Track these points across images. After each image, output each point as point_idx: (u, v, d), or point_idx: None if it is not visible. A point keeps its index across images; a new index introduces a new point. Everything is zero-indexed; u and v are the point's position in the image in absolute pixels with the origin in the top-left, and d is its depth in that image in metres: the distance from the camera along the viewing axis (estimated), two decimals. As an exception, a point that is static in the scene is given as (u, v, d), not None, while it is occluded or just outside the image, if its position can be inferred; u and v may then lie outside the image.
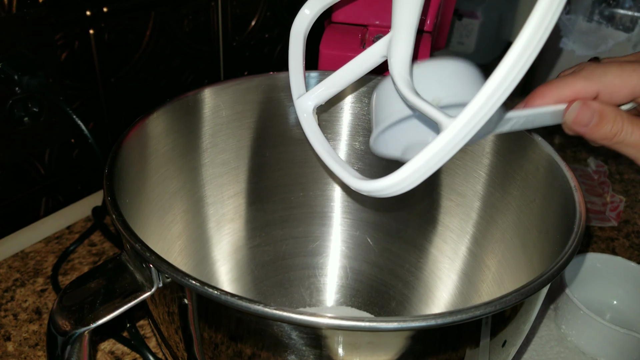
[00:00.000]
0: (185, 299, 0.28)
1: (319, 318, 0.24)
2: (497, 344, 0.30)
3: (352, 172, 0.31)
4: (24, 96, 0.49)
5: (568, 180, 0.35)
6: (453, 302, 0.45)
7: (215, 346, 0.30)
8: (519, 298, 0.26)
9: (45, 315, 0.49)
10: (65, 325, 0.29)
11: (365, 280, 0.50)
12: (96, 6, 0.53)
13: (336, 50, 0.50)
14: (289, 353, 0.27)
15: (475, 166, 0.43)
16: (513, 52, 0.24)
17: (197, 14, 0.64)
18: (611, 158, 0.77)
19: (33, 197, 0.55)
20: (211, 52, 0.68)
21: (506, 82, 0.25)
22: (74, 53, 0.53)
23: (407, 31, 0.31)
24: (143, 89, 0.61)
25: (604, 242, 0.61)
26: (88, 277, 0.30)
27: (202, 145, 0.44)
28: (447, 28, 0.63)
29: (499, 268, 0.41)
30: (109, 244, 0.57)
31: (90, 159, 0.59)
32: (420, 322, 0.25)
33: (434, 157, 0.26)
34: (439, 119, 0.27)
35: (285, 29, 0.77)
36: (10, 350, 0.46)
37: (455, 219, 0.45)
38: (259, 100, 0.45)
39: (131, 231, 0.29)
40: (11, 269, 0.54)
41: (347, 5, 0.50)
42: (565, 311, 0.48)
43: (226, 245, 0.48)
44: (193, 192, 0.44)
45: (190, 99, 0.42)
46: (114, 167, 0.34)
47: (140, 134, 0.38)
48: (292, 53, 0.39)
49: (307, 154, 0.47)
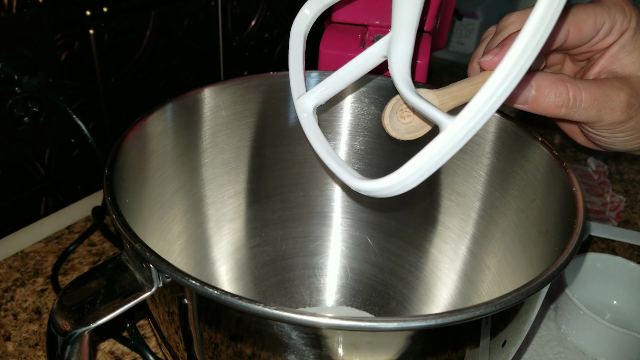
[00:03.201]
0: (185, 299, 0.28)
1: (319, 318, 0.24)
2: (497, 344, 0.30)
3: (352, 172, 0.31)
4: (24, 96, 0.49)
5: (568, 180, 0.35)
6: (453, 302, 0.45)
7: (215, 346, 0.30)
8: (519, 298, 0.26)
9: (45, 315, 0.49)
10: (65, 325, 0.29)
11: (365, 280, 0.50)
12: (96, 6, 0.53)
13: (336, 50, 0.50)
14: (289, 353, 0.27)
15: (475, 166, 0.43)
16: (513, 51, 0.24)
17: (197, 14, 0.64)
18: (611, 158, 0.77)
19: (33, 197, 0.55)
20: (211, 52, 0.68)
21: (506, 82, 0.25)
22: (74, 53, 0.53)
23: (407, 31, 0.31)
24: (143, 89, 0.61)
25: (604, 242, 0.61)
26: (88, 277, 0.30)
27: (202, 145, 0.44)
28: (447, 28, 0.63)
29: (499, 268, 0.41)
30: (109, 244, 0.57)
31: (90, 159, 0.59)
32: (420, 322, 0.25)
33: (434, 157, 0.26)
34: (439, 119, 0.27)
35: (285, 29, 0.77)
36: (10, 350, 0.46)
37: (455, 219, 0.45)
38: (259, 100, 0.45)
39: (131, 231, 0.29)
40: (11, 269, 0.54)
41: (347, 5, 0.50)
42: (565, 311, 0.48)
43: (226, 245, 0.48)
44: (193, 192, 0.44)
45: (190, 99, 0.42)
46: (114, 167, 0.34)
47: (140, 134, 0.38)
48: (292, 53, 0.39)
49: (307, 154, 0.47)
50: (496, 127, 0.41)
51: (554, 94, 0.33)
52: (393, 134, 0.34)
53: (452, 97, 0.33)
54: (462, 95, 0.33)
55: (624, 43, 0.35)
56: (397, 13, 0.32)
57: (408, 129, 0.34)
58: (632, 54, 0.35)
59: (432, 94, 0.33)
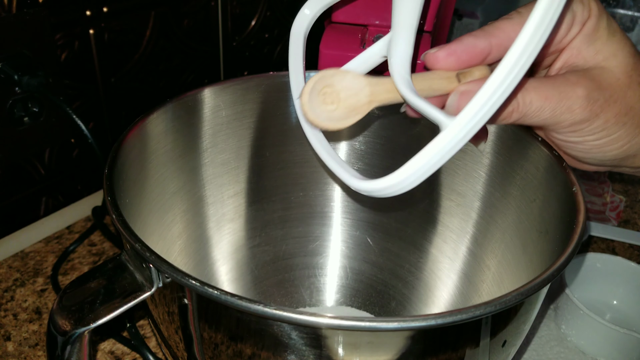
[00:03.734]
0: (185, 299, 0.28)
1: (319, 318, 0.24)
2: (497, 344, 0.30)
3: (352, 172, 0.31)
4: (24, 96, 0.49)
5: (568, 180, 0.35)
6: (453, 302, 0.45)
7: (215, 346, 0.30)
8: (519, 298, 0.26)
9: (45, 315, 0.49)
10: (65, 325, 0.29)
11: (365, 280, 0.50)
12: (96, 6, 0.53)
13: (336, 50, 0.50)
14: (289, 353, 0.27)
15: (475, 166, 0.43)
16: (513, 51, 0.24)
17: (197, 14, 0.63)
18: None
19: (33, 197, 0.55)
20: (211, 52, 0.68)
21: (506, 82, 0.25)
22: (74, 53, 0.53)
23: (407, 31, 0.31)
24: (143, 89, 0.61)
25: (604, 242, 0.61)
26: (88, 277, 0.30)
27: (202, 145, 0.44)
28: (447, 28, 0.63)
29: (499, 268, 0.41)
30: (109, 244, 0.57)
31: (90, 159, 0.59)
32: (420, 322, 0.25)
33: (434, 157, 0.26)
34: (439, 119, 0.27)
35: (285, 29, 0.77)
36: (10, 350, 0.46)
37: (455, 219, 0.45)
38: (259, 100, 0.45)
39: (131, 231, 0.29)
40: (11, 268, 0.54)
41: (347, 5, 0.50)
42: (565, 311, 0.48)
43: (226, 245, 0.48)
44: (193, 192, 0.44)
45: (190, 99, 0.42)
46: (114, 167, 0.34)
47: (140, 134, 0.38)
48: (292, 53, 0.39)
49: (307, 154, 0.47)
50: (496, 127, 0.41)
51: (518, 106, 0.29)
52: (311, 115, 0.29)
53: (386, 89, 0.30)
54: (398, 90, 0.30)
55: (587, 33, 0.31)
56: (397, 13, 0.32)
57: (329, 116, 0.29)
58: (595, 44, 0.31)
59: (363, 81, 0.29)
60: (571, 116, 0.30)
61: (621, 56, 0.30)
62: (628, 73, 0.30)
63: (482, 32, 0.30)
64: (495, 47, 0.30)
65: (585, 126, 0.30)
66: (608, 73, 0.30)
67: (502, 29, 0.30)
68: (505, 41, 0.30)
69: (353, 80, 0.29)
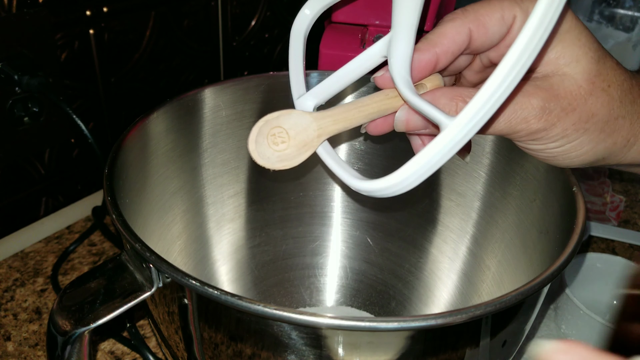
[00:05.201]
0: (185, 299, 0.28)
1: (319, 318, 0.24)
2: (497, 344, 0.30)
3: (352, 172, 0.31)
4: (24, 96, 0.49)
5: (568, 180, 0.35)
6: (453, 302, 0.45)
7: (215, 346, 0.30)
8: (519, 298, 0.26)
9: (45, 315, 0.49)
10: (65, 325, 0.29)
11: (365, 280, 0.50)
12: (96, 6, 0.53)
13: (336, 50, 0.50)
14: (289, 353, 0.27)
15: (475, 166, 0.43)
16: (513, 51, 0.24)
17: (197, 14, 0.64)
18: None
19: (33, 197, 0.55)
20: (211, 52, 0.68)
21: (506, 82, 0.25)
22: (74, 53, 0.53)
23: (407, 31, 0.31)
24: (143, 89, 0.61)
25: (604, 242, 0.61)
26: (88, 277, 0.30)
27: (202, 145, 0.44)
28: (447, 28, 0.62)
29: (499, 268, 0.41)
30: (109, 244, 0.57)
31: (90, 159, 0.59)
32: (420, 322, 0.25)
33: (434, 157, 0.26)
34: (439, 119, 0.27)
35: (285, 29, 0.77)
36: (10, 350, 0.46)
37: (455, 219, 0.45)
38: (259, 100, 0.45)
39: (131, 231, 0.29)
40: (11, 268, 0.54)
41: (347, 5, 0.50)
42: (565, 311, 0.48)
43: (226, 245, 0.48)
44: (193, 192, 0.44)
45: (190, 99, 0.42)
46: (114, 167, 0.34)
47: (140, 134, 0.38)
48: (292, 53, 0.39)
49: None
50: (496, 127, 0.41)
51: (455, 112, 0.28)
52: (261, 161, 0.30)
53: (333, 121, 0.30)
54: (345, 118, 0.30)
55: None
56: (397, 13, 0.32)
57: (281, 156, 0.30)
58: (556, 47, 0.29)
59: (308, 117, 0.30)
60: (527, 126, 0.29)
61: (584, 62, 0.29)
62: (590, 80, 0.29)
63: (426, 44, 0.30)
64: (442, 54, 0.30)
65: (543, 135, 0.29)
66: (569, 80, 0.29)
67: (444, 34, 0.30)
68: (451, 46, 0.30)
69: (299, 117, 0.30)
